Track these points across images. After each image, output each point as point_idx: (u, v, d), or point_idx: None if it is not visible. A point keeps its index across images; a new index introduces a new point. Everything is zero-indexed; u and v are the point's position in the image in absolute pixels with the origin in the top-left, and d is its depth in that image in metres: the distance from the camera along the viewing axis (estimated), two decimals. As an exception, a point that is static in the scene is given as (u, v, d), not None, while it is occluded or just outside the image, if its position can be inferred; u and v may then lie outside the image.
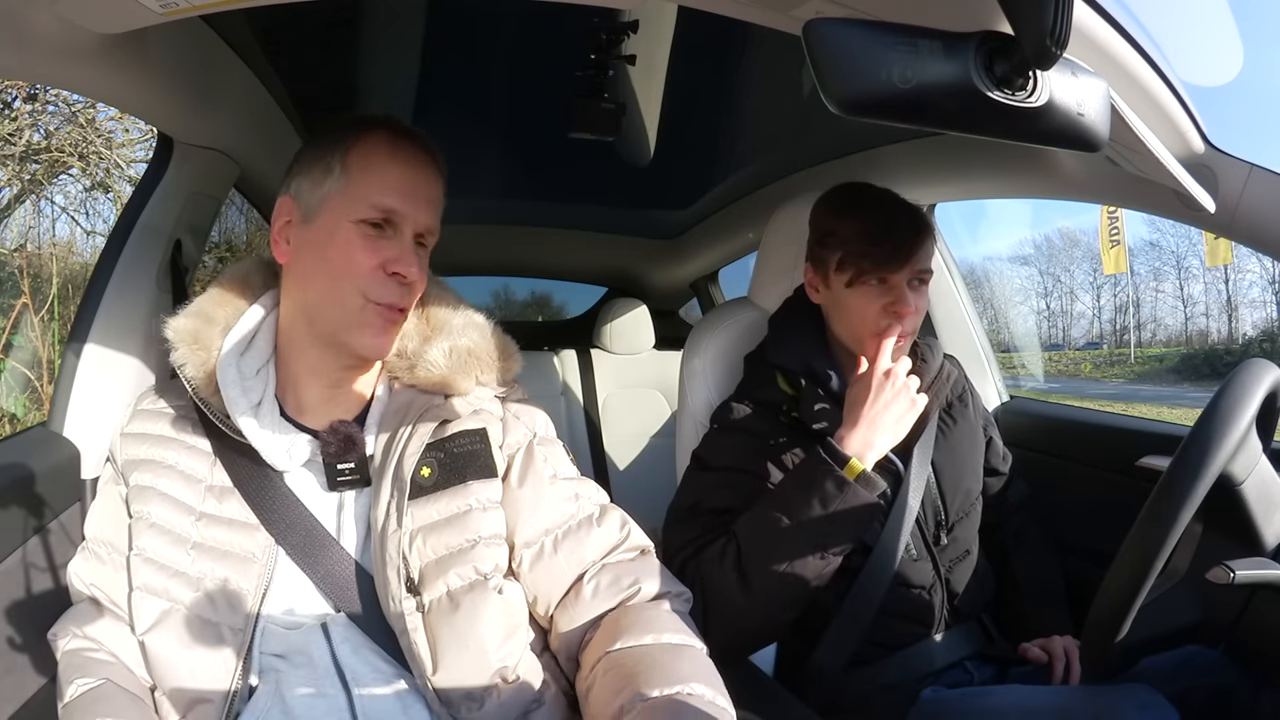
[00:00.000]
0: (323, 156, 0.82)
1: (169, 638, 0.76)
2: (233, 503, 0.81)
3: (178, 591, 0.77)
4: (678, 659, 0.73)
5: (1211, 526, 0.79)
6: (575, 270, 2.90)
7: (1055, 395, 10.85)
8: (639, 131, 1.61)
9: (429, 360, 0.86)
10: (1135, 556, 0.69)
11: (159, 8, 0.69)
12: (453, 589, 0.78)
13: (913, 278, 1.03)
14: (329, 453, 0.80)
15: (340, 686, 0.76)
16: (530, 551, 0.84)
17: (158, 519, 0.80)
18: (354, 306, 0.80)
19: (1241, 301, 21.23)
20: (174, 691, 0.76)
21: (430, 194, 0.84)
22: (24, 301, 3.40)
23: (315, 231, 0.81)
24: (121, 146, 5.03)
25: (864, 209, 1.06)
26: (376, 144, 0.82)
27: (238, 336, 0.84)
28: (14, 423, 3.26)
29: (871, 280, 1.02)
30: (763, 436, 1.06)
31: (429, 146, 0.85)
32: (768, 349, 1.13)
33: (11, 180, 4.96)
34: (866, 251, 1.02)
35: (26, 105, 4.64)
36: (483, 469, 0.84)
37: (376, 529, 0.79)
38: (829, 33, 0.48)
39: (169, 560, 0.79)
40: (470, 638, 0.76)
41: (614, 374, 2.48)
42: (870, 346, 1.00)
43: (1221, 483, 0.71)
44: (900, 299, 1.01)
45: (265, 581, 0.78)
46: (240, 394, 0.80)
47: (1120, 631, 0.70)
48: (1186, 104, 0.78)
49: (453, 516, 0.81)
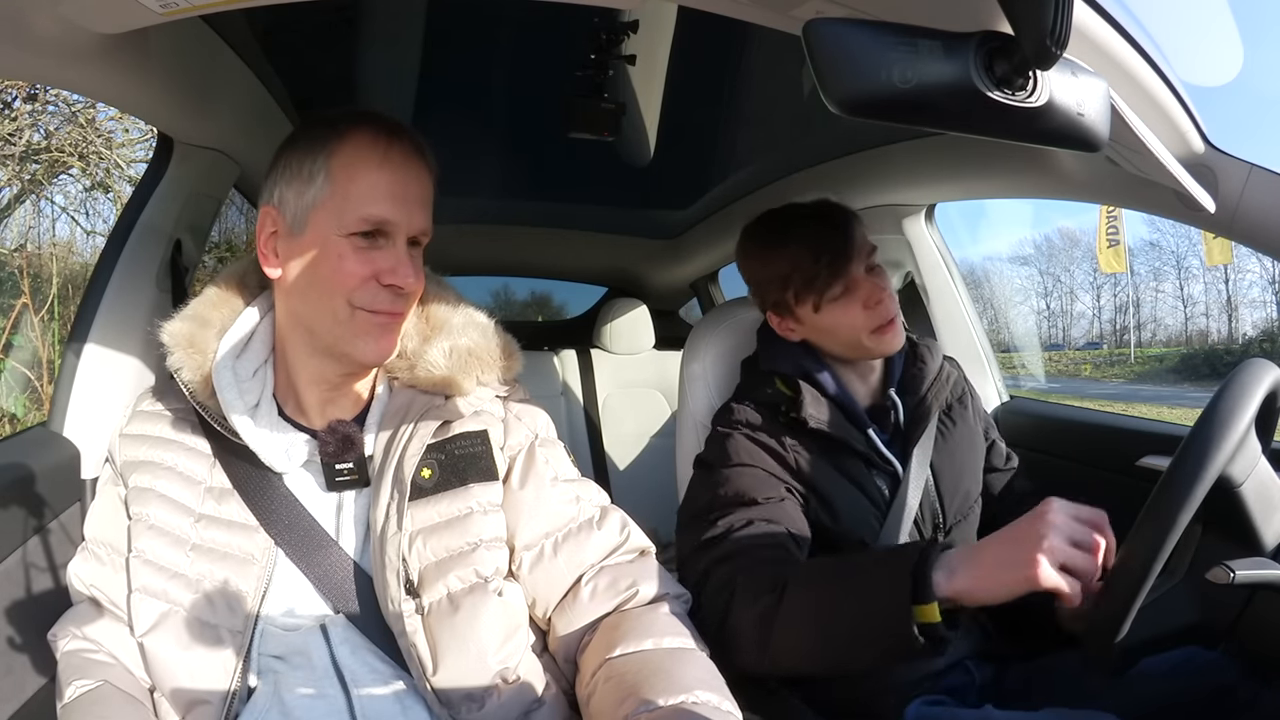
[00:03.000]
0: (304, 163, 0.78)
1: (168, 639, 0.76)
2: (232, 504, 0.81)
3: (177, 593, 0.77)
4: (680, 664, 0.73)
5: (1211, 527, 0.79)
6: (575, 270, 2.90)
7: (1055, 395, 10.86)
8: (639, 131, 1.61)
9: (429, 360, 0.85)
10: (1135, 557, 0.69)
11: (159, 8, 0.69)
12: (453, 591, 0.78)
13: (865, 265, 1.04)
14: (327, 452, 0.80)
15: (339, 687, 0.76)
16: (530, 554, 0.84)
17: (157, 521, 0.80)
18: (345, 316, 0.78)
19: (1241, 301, 21.24)
20: (173, 693, 0.76)
21: (421, 194, 0.81)
22: (24, 301, 3.40)
23: (303, 244, 0.78)
24: (121, 146, 5.03)
25: (782, 238, 1.08)
26: (360, 147, 0.78)
27: (233, 339, 0.83)
28: (14, 423, 3.25)
29: (835, 291, 1.03)
30: (766, 434, 1.06)
31: (416, 143, 0.82)
32: (760, 358, 1.14)
33: (11, 180, 4.96)
34: (813, 272, 1.03)
35: (26, 105, 4.64)
36: (484, 471, 0.84)
37: (376, 530, 0.79)
38: (829, 33, 0.48)
39: (168, 562, 0.78)
40: (470, 640, 0.76)
41: (614, 374, 2.48)
42: (872, 344, 1.03)
43: (1221, 484, 0.71)
44: (871, 290, 1.03)
45: (264, 583, 0.78)
46: (236, 396, 0.80)
47: (1120, 632, 0.70)
48: (1186, 104, 0.78)
49: (453, 519, 0.81)
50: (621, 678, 0.72)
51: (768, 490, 0.99)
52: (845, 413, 1.07)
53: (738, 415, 1.08)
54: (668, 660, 0.73)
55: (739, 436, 1.06)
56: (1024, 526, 0.73)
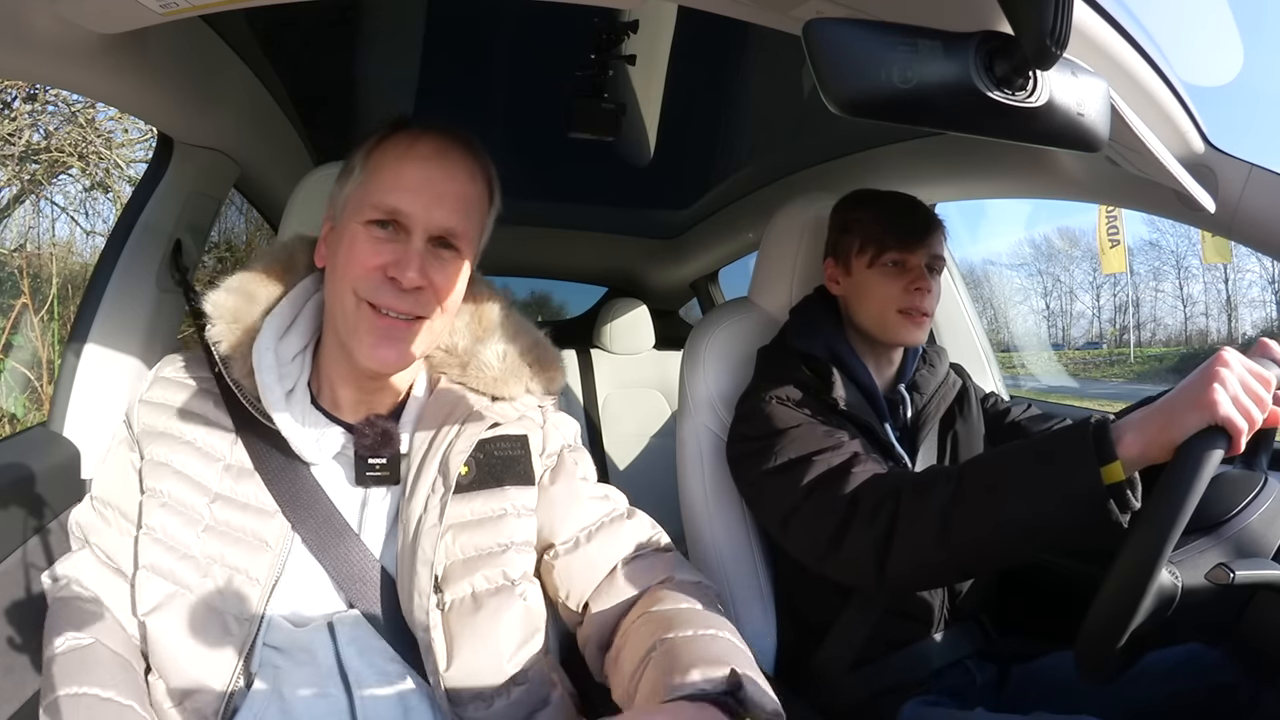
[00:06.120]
0: (351, 159, 0.81)
1: (171, 622, 0.74)
2: (250, 485, 0.79)
3: (185, 575, 0.75)
4: (711, 616, 0.73)
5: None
6: (575, 270, 2.90)
7: (1055, 395, 10.85)
8: (639, 131, 1.61)
9: (483, 360, 0.86)
10: (1133, 559, 0.69)
11: (159, 8, 0.69)
12: (478, 590, 0.78)
13: (928, 261, 1.09)
14: (363, 445, 0.79)
15: (342, 688, 0.75)
16: (566, 545, 0.84)
17: (170, 498, 0.78)
18: (352, 308, 0.76)
19: (1241, 301, 21.22)
20: (172, 676, 0.74)
21: (448, 192, 0.78)
22: (24, 301, 3.40)
23: (337, 233, 0.80)
24: (121, 146, 5.03)
25: (882, 200, 1.15)
26: (395, 143, 0.79)
27: (278, 319, 0.81)
28: (14, 423, 3.25)
29: (890, 260, 1.09)
30: (805, 407, 1.04)
31: (458, 143, 0.80)
32: (789, 336, 1.14)
33: (11, 180, 4.96)
34: (888, 231, 1.09)
35: (26, 105, 4.64)
36: (521, 475, 0.84)
37: (411, 523, 0.77)
38: (829, 33, 0.48)
39: (178, 542, 0.76)
40: (489, 639, 0.76)
41: (614, 374, 2.48)
42: (894, 324, 1.08)
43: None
44: (920, 276, 1.08)
45: (277, 572, 0.76)
46: (275, 380, 0.78)
47: (1120, 637, 0.70)
48: (1186, 104, 0.78)
49: (486, 519, 0.81)
50: (654, 620, 0.72)
51: (839, 435, 0.99)
52: (869, 400, 1.08)
53: (774, 390, 1.06)
54: (699, 614, 0.74)
55: (781, 405, 1.04)
56: (1199, 372, 0.73)
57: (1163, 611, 0.71)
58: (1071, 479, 0.75)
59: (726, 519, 1.13)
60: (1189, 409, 0.71)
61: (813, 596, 1.06)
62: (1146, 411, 0.75)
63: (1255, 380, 0.71)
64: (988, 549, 0.83)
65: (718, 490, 1.13)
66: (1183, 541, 0.73)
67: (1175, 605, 0.72)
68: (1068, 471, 0.75)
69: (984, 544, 0.82)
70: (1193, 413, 0.70)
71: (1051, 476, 0.77)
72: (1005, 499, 0.79)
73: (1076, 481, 0.74)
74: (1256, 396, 0.70)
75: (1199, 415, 0.70)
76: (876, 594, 0.99)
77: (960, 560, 0.86)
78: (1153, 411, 0.74)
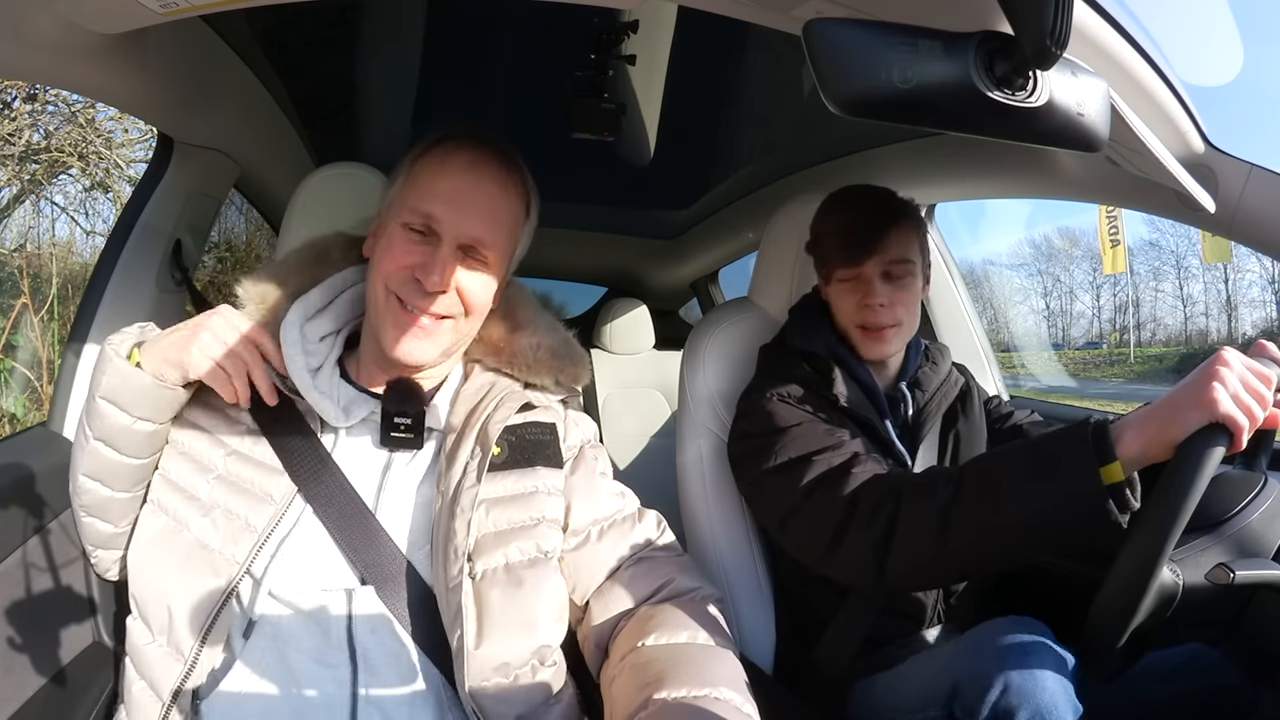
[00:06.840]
0: (401, 162, 0.87)
1: (161, 553, 0.78)
2: (265, 447, 0.83)
3: (186, 514, 0.79)
4: (709, 660, 0.73)
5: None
6: (575, 270, 2.90)
7: (1055, 395, 10.86)
8: (639, 131, 1.61)
9: (519, 347, 0.92)
10: (1137, 554, 0.69)
11: (159, 8, 0.69)
12: (511, 561, 0.79)
13: (885, 269, 1.05)
14: (389, 399, 0.83)
15: (348, 660, 0.75)
16: (577, 538, 0.86)
17: (188, 448, 0.83)
18: (382, 300, 0.83)
19: (1241, 301, 21.23)
20: (152, 607, 0.77)
21: (483, 204, 0.84)
22: (24, 301, 3.40)
23: (381, 230, 0.87)
24: (121, 146, 5.03)
25: (844, 208, 1.11)
26: (441, 151, 0.85)
27: (307, 302, 0.87)
28: (14, 423, 3.25)
29: (842, 276, 1.07)
30: (806, 404, 1.04)
31: (495, 156, 0.85)
32: (789, 335, 1.14)
33: (11, 180, 4.96)
34: (834, 249, 1.08)
35: (26, 105, 4.64)
36: (550, 458, 0.88)
37: (448, 491, 0.79)
38: (829, 33, 0.48)
39: (187, 484, 0.81)
40: (527, 611, 0.77)
41: (614, 374, 2.48)
42: (856, 339, 1.06)
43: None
44: (868, 291, 1.05)
45: (273, 525, 0.78)
46: (299, 353, 0.82)
47: (1123, 633, 0.70)
48: (1186, 104, 0.78)
49: (518, 495, 0.83)
50: (648, 664, 0.72)
51: (840, 434, 0.98)
52: (870, 397, 1.08)
53: (775, 387, 1.06)
54: (698, 654, 0.74)
55: (782, 403, 1.04)
56: (1199, 371, 0.72)
57: (1164, 609, 0.71)
58: (1071, 479, 0.75)
59: (726, 518, 1.13)
60: (1190, 407, 0.70)
61: (811, 596, 1.06)
62: (1146, 410, 0.74)
63: (1256, 378, 0.71)
64: (987, 550, 0.83)
65: (717, 490, 1.14)
66: (1183, 540, 0.73)
67: (1176, 604, 0.72)
68: (1067, 472, 0.75)
69: (983, 545, 0.82)
70: (1194, 411, 0.70)
71: (1051, 477, 0.77)
72: (1004, 500, 0.79)
73: (1076, 482, 0.74)
74: (1257, 394, 0.70)
75: (1200, 413, 0.70)
76: (875, 594, 0.99)
77: (959, 561, 0.86)
78: (1153, 410, 0.74)
